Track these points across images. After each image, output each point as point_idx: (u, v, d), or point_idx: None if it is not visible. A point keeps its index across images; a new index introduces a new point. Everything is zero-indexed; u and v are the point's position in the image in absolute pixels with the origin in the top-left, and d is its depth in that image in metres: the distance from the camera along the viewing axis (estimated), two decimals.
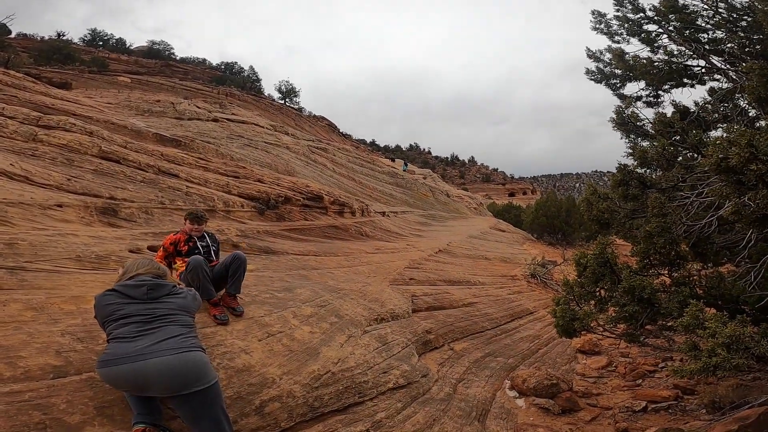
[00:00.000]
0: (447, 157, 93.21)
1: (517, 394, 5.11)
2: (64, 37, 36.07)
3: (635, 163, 4.25)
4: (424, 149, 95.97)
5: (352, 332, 4.36)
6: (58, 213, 4.48)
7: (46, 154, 6.09)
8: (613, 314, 4.23)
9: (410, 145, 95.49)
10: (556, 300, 4.64)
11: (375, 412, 3.46)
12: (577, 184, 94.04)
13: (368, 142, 71.55)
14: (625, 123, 4.36)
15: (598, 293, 4.43)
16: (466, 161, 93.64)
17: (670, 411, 4.72)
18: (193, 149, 9.98)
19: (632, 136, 4.44)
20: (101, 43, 40.76)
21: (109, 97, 16.60)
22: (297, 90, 44.18)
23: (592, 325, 4.23)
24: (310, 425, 3.03)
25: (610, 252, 4.16)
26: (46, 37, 35.16)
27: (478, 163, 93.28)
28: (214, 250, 3.83)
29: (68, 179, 5.32)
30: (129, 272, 2.64)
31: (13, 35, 32.42)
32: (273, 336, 3.58)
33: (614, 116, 4.50)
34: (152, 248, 4.68)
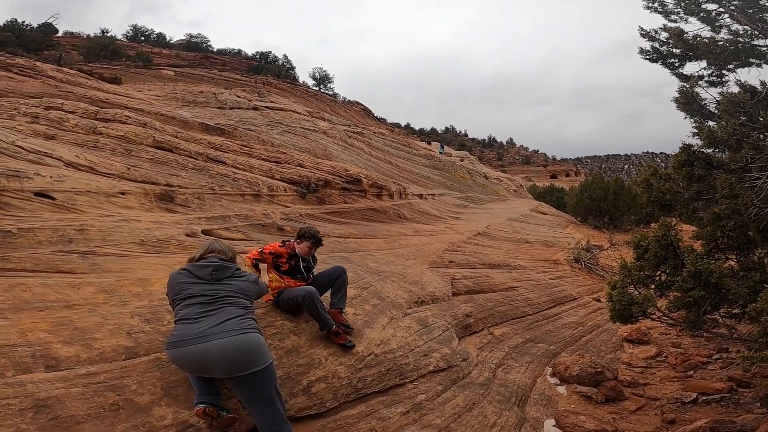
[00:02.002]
0: (484, 139, 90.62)
1: (559, 381, 5.04)
2: (108, 34, 38.05)
3: (702, 143, 3.96)
4: (460, 132, 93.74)
5: (393, 314, 4.43)
6: (122, 200, 4.84)
7: (107, 145, 6.51)
8: (673, 299, 4.02)
9: (446, 127, 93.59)
10: (611, 283, 4.45)
11: (415, 394, 3.51)
12: (626, 166, 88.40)
13: (403, 125, 70.77)
14: (690, 103, 4.06)
15: (658, 277, 4.21)
16: (504, 143, 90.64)
17: (722, 403, 4.51)
18: (236, 137, 10.34)
19: (697, 116, 4.14)
20: (143, 38, 42.67)
21: (156, 90, 17.44)
22: (331, 76, 44.56)
23: (649, 311, 4.04)
24: (353, 406, 3.12)
25: (673, 234, 3.93)
26: (92, 35, 37.24)
27: (517, 145, 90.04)
28: (312, 269, 3.72)
29: (128, 168, 5.70)
30: (200, 252, 2.76)
31: (60, 34, 34.67)
32: None
33: (678, 96, 4.20)
34: (206, 232, 4.95)
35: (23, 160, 4.78)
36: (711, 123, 4.01)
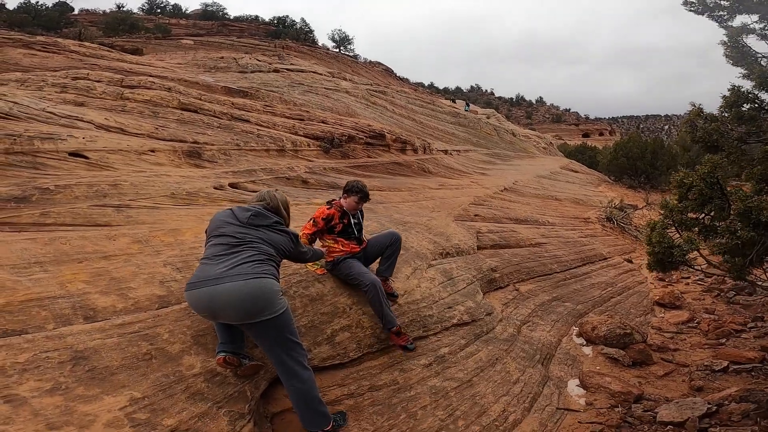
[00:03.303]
0: (512, 98, 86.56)
1: (585, 342, 4.92)
2: (124, 8, 38.08)
3: (753, 85, 3.58)
4: (486, 90, 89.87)
5: (417, 265, 4.39)
6: (152, 157, 4.99)
7: (134, 108, 6.67)
8: (717, 246, 3.75)
9: (471, 86, 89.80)
10: (651, 224, 4.19)
11: (438, 347, 3.52)
12: (666, 126, 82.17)
13: (426, 85, 68.31)
14: (739, 47, 3.66)
15: (702, 220, 3.91)
16: (534, 101, 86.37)
17: (753, 373, 4.31)
18: (258, 98, 10.32)
19: (749, 60, 3.75)
20: (159, 10, 42.58)
21: (178, 58, 17.50)
22: (350, 38, 43.30)
23: (691, 256, 3.76)
24: (376, 357, 3.15)
25: (720, 173, 3.62)
26: (108, 10, 37.30)
27: (547, 104, 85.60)
28: (361, 226, 3.61)
29: (156, 128, 5.83)
30: (251, 198, 2.72)
31: (76, 12, 34.96)
32: None
33: (726, 39, 3.79)
34: (233, 185, 5.07)
35: (56, 124, 4.95)
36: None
